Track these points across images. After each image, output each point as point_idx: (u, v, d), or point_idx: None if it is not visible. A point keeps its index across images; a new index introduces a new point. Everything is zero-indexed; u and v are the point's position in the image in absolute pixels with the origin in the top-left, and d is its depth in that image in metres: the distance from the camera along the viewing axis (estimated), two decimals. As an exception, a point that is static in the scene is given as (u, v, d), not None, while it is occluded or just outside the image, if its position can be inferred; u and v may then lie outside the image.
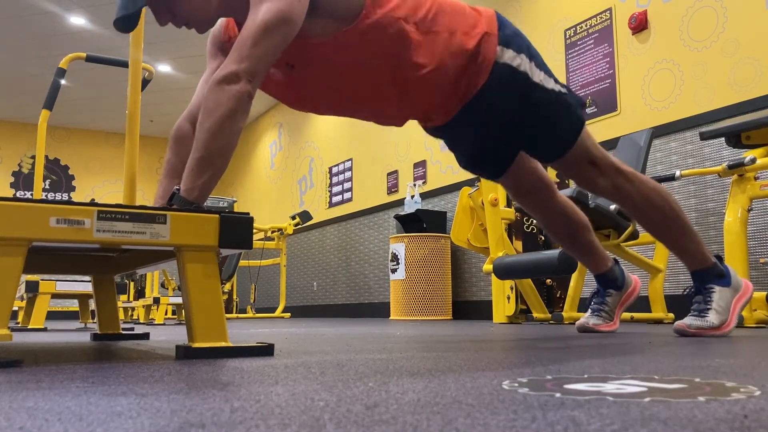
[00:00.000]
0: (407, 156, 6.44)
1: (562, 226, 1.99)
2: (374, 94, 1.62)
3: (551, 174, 3.91)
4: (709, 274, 1.84)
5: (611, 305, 2.19)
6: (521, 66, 1.63)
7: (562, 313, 3.47)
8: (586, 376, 0.85)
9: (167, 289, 7.30)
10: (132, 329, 2.31)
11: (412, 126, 6.43)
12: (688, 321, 1.81)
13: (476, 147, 1.78)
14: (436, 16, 1.57)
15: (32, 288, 3.17)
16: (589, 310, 2.23)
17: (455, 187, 5.66)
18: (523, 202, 1.96)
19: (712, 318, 1.78)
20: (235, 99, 1.32)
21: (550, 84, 1.68)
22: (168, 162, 1.59)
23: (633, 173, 1.81)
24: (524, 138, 1.74)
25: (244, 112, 1.35)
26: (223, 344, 1.17)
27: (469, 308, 5.44)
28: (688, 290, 1.89)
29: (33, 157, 10.39)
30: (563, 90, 1.70)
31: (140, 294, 7.79)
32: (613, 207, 3.00)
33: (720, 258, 1.89)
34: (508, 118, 1.68)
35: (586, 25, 4.53)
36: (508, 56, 1.62)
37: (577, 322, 2.24)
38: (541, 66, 1.69)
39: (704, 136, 2.84)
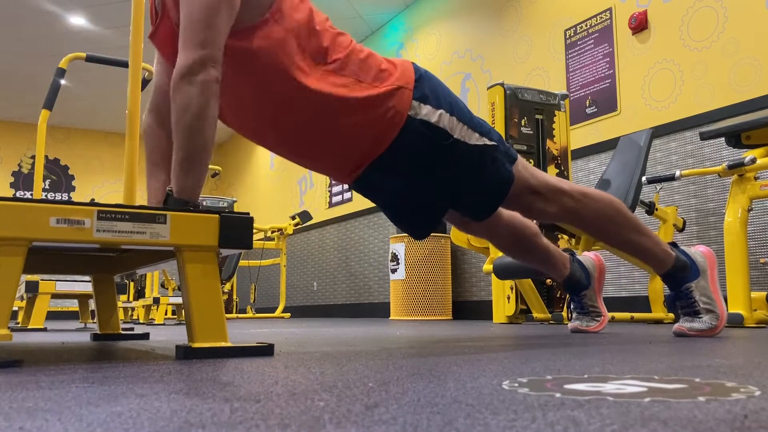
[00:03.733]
0: (407, 156, 6.44)
1: (512, 241, 1.93)
2: (257, 122, 1.52)
3: (551, 173, 3.91)
4: (678, 272, 1.81)
5: (591, 301, 2.20)
6: (441, 122, 1.53)
7: (562, 313, 3.47)
8: (586, 376, 0.85)
9: (167, 289, 7.30)
10: (132, 329, 2.31)
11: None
12: (687, 325, 1.80)
13: (394, 204, 1.71)
14: (345, 61, 1.47)
15: (32, 288, 3.17)
16: (574, 314, 2.23)
17: (455, 187, 5.66)
18: (466, 230, 1.90)
19: (707, 318, 1.78)
20: (205, 90, 1.29)
21: (473, 139, 1.57)
22: (147, 160, 1.56)
23: (579, 191, 1.72)
24: (446, 195, 1.65)
25: (216, 100, 1.32)
26: (223, 344, 1.17)
27: (469, 308, 5.44)
28: (668, 298, 1.87)
29: (33, 157, 10.39)
30: (489, 143, 1.60)
31: (140, 294, 7.79)
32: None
33: (675, 244, 1.87)
34: (426, 176, 1.59)
35: (586, 25, 4.52)
36: (426, 112, 1.52)
37: (569, 326, 2.24)
38: (466, 120, 1.58)
39: (704, 136, 2.84)
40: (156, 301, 4.78)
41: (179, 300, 4.79)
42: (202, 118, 1.29)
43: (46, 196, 10.20)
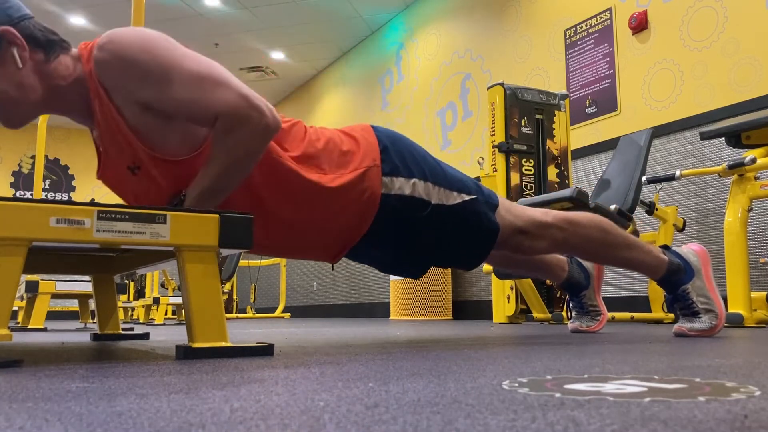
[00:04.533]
0: (407, 156, 6.43)
1: (506, 259, 1.92)
2: None
3: (551, 174, 3.91)
4: (673, 276, 1.79)
5: (591, 300, 2.20)
6: (416, 192, 1.48)
7: (562, 313, 3.47)
8: (586, 376, 0.85)
9: (167, 289, 7.30)
10: (132, 329, 2.31)
11: (413, 124, 6.43)
12: (687, 325, 1.80)
13: (382, 266, 1.70)
14: (303, 157, 1.38)
15: (32, 288, 3.17)
16: (574, 313, 2.23)
17: (455, 187, 5.65)
18: None
19: (706, 318, 1.78)
20: (262, 137, 1.24)
21: (451, 199, 1.53)
22: None
23: (564, 220, 1.69)
24: (433, 256, 1.63)
25: (265, 148, 1.27)
26: (223, 344, 1.17)
27: (469, 308, 5.44)
28: (667, 300, 1.87)
29: (33, 157, 10.39)
30: (468, 197, 1.55)
31: (140, 294, 7.79)
32: (613, 207, 3.00)
33: (667, 247, 1.86)
34: (410, 243, 1.56)
35: (586, 25, 4.53)
36: (399, 185, 1.46)
37: (569, 326, 2.24)
38: (440, 181, 1.53)
39: (704, 136, 2.84)
40: (156, 301, 4.78)
41: (179, 300, 4.79)
42: (243, 165, 1.26)
43: (46, 196, 10.20)
